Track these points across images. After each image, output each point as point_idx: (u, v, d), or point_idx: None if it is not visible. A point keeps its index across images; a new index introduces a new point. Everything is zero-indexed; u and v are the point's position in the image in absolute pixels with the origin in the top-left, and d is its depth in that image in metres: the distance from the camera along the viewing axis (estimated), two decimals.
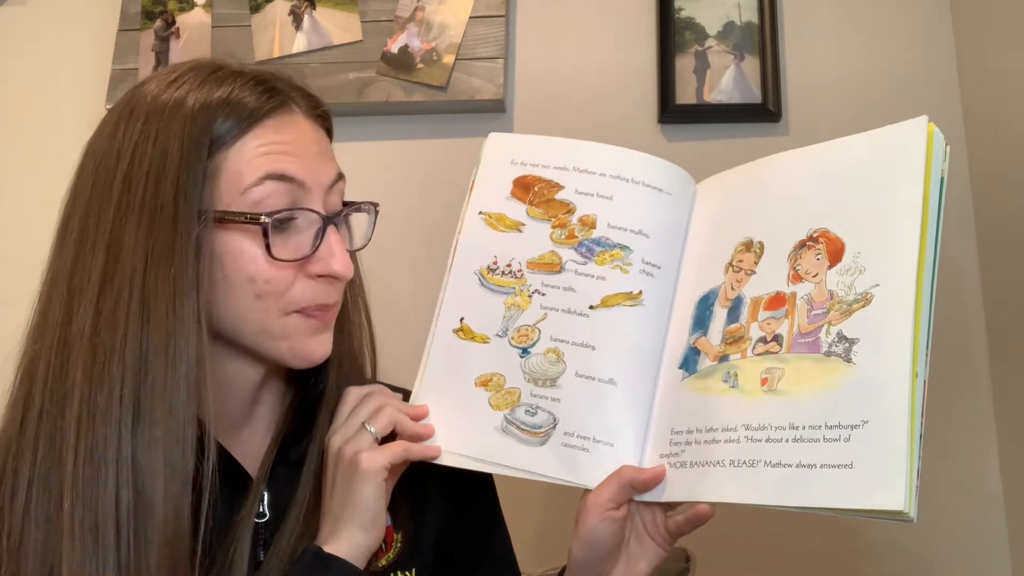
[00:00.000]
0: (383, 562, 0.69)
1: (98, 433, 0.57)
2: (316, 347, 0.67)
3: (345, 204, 0.70)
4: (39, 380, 0.60)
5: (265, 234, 0.62)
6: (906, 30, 1.31)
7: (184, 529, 0.59)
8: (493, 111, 1.35)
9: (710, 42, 1.33)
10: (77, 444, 0.57)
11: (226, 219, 0.62)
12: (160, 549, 0.57)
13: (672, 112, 1.31)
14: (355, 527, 0.63)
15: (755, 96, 1.29)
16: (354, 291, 0.75)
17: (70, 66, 1.46)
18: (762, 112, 1.29)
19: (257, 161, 0.63)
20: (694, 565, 1.03)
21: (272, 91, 0.66)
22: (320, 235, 0.65)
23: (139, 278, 0.59)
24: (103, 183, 0.62)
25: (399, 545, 0.71)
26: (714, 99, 1.30)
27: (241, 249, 0.62)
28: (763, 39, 1.31)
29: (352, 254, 0.72)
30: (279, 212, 0.63)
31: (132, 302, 0.59)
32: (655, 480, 0.65)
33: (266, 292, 0.63)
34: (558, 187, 0.75)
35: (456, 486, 0.75)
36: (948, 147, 0.62)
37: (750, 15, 1.33)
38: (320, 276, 0.65)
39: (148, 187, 0.60)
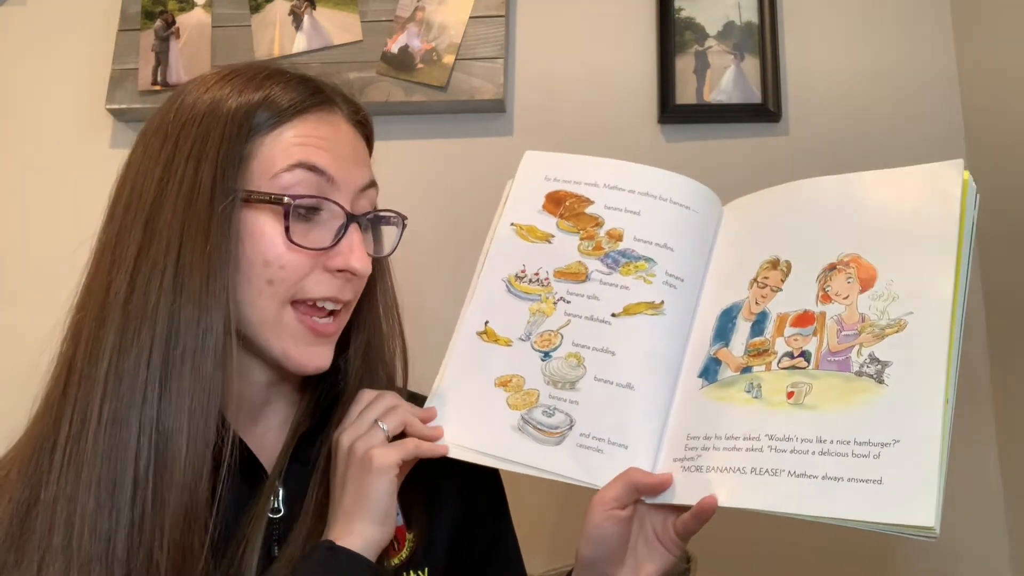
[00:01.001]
0: (395, 561, 0.70)
1: (123, 395, 0.60)
2: (310, 358, 0.68)
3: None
4: (80, 345, 0.62)
5: (286, 216, 0.64)
6: (906, 30, 1.31)
7: (200, 496, 0.60)
8: (493, 111, 1.35)
9: (710, 42, 1.33)
10: (103, 404, 0.60)
11: (252, 199, 0.64)
12: (175, 511, 0.59)
13: (672, 112, 1.31)
14: (367, 522, 0.64)
15: (755, 96, 1.29)
16: (387, 302, 0.77)
17: (70, 66, 1.45)
18: (762, 112, 1.29)
19: (291, 150, 0.65)
20: (695, 566, 1.03)
21: (316, 90, 0.69)
22: (343, 230, 0.67)
23: (174, 251, 0.62)
24: (149, 160, 0.65)
25: (412, 544, 0.71)
26: (714, 99, 1.30)
27: (263, 231, 0.64)
28: (763, 39, 1.31)
29: (388, 270, 0.76)
30: (304, 197, 0.65)
31: (166, 273, 0.61)
32: (661, 486, 0.66)
33: (278, 278, 0.65)
34: (588, 202, 0.78)
35: (468, 488, 0.76)
36: (979, 195, 0.65)
37: (750, 15, 1.33)
38: (338, 271, 0.67)
39: (189, 165, 0.63)
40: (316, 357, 0.68)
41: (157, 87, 1.38)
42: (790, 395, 0.64)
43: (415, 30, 1.36)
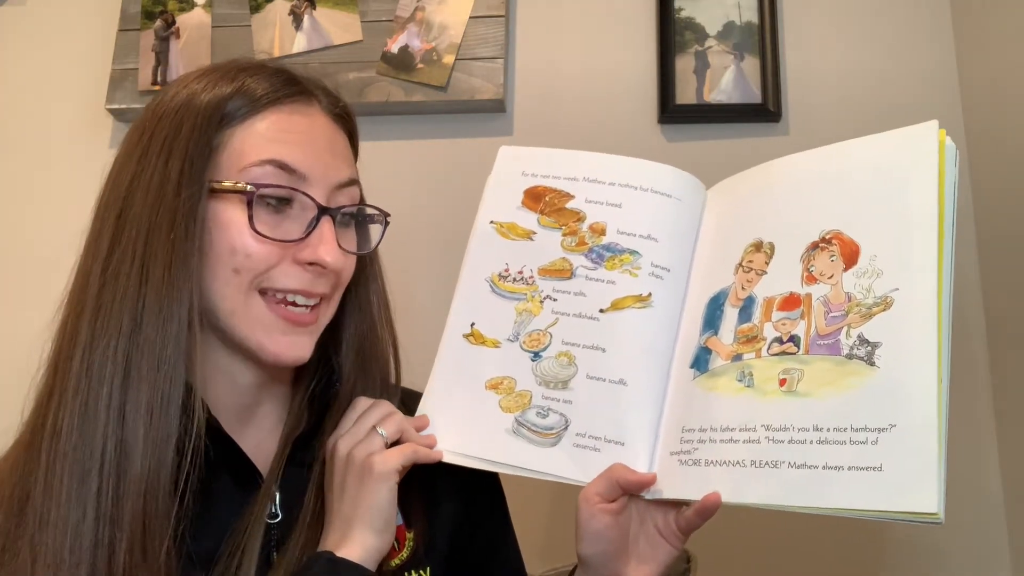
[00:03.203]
0: (396, 561, 0.69)
1: (92, 387, 0.59)
2: (286, 348, 0.65)
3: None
4: (64, 343, 0.62)
5: (249, 205, 0.63)
6: (906, 30, 1.31)
7: (160, 486, 0.59)
8: (493, 111, 1.35)
9: (710, 42, 1.33)
10: (74, 398, 0.59)
11: (217, 189, 0.63)
12: (135, 501, 0.58)
13: (672, 112, 1.31)
14: (367, 530, 0.63)
15: (755, 96, 1.29)
16: (380, 303, 0.76)
17: (70, 66, 1.46)
18: (762, 112, 1.29)
19: (263, 144, 0.64)
20: (695, 566, 1.03)
21: (292, 81, 0.68)
22: (314, 223, 0.65)
23: (141, 241, 0.61)
24: (127, 157, 0.65)
25: (412, 544, 0.71)
26: (714, 99, 1.30)
27: (230, 221, 0.63)
28: (763, 39, 1.31)
29: (380, 270, 0.75)
30: (270, 186, 0.64)
31: (134, 263, 0.61)
32: (643, 484, 0.66)
33: (244, 267, 0.63)
34: (568, 196, 0.77)
35: (466, 488, 0.76)
36: (958, 153, 0.62)
37: (750, 15, 1.33)
38: (308, 264, 0.65)
39: (160, 157, 0.63)
40: (293, 347, 0.66)
41: (157, 87, 1.38)
42: (782, 383, 0.62)
43: (415, 30, 1.36)
